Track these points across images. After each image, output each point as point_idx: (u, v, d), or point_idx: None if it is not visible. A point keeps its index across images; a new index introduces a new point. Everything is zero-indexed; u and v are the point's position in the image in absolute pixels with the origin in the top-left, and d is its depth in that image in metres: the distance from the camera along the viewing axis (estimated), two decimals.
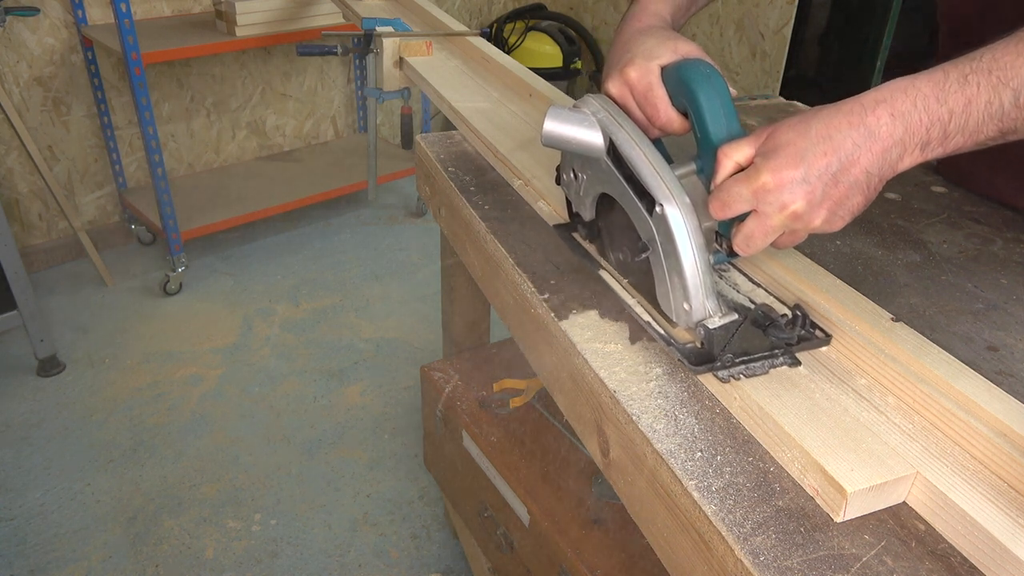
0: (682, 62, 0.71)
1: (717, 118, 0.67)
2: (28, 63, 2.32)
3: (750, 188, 0.62)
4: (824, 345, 0.69)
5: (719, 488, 0.56)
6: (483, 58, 1.41)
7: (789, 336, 0.67)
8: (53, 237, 2.58)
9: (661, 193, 0.66)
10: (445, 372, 1.38)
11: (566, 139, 0.74)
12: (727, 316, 0.67)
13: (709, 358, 0.66)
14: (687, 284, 0.66)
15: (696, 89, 0.68)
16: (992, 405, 0.59)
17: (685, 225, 0.66)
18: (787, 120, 0.63)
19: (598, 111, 0.74)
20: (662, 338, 0.71)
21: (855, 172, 0.60)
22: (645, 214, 0.68)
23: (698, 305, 0.67)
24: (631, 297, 0.77)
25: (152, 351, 2.19)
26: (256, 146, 2.96)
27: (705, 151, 0.68)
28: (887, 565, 0.51)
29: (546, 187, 0.96)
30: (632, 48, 0.75)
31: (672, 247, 0.66)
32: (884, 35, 2.87)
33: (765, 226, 0.63)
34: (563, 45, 3.16)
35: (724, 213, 0.64)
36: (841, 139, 0.59)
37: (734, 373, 0.65)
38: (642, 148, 0.70)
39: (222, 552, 1.60)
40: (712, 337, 0.66)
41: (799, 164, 0.60)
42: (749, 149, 0.64)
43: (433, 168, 1.11)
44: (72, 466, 1.80)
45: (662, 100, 0.72)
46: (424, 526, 1.68)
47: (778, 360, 0.66)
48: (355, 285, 2.55)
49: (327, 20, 2.52)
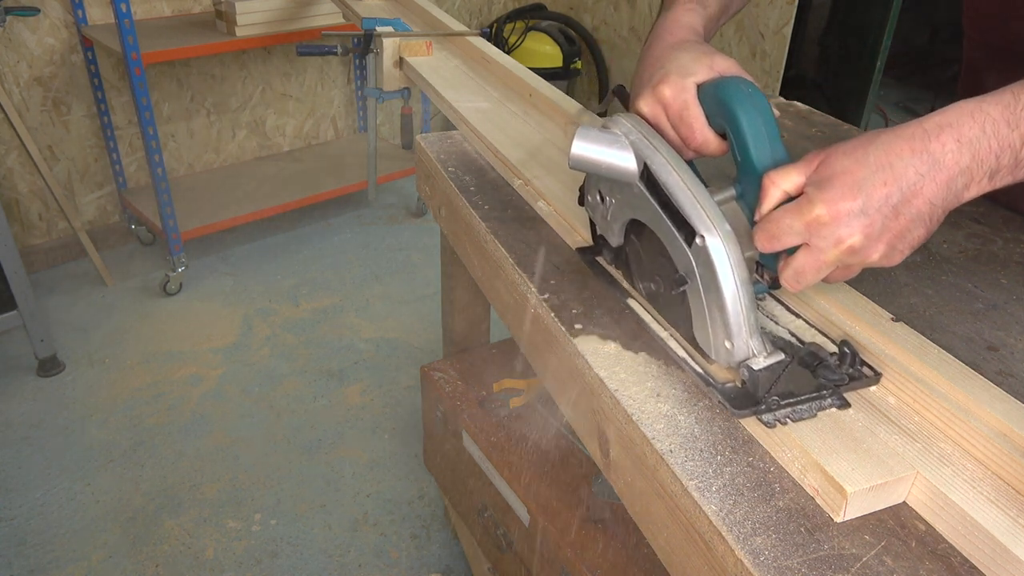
0: (720, 80, 0.67)
1: (760, 141, 0.63)
2: (28, 63, 2.32)
3: (802, 220, 0.57)
4: (873, 384, 0.65)
5: (719, 488, 0.56)
6: (483, 58, 1.41)
7: (839, 378, 0.62)
8: (53, 237, 2.58)
9: (702, 223, 0.61)
10: (445, 372, 1.38)
11: (596, 163, 0.68)
12: (773, 355, 0.62)
13: (752, 401, 0.62)
14: (729, 321, 0.62)
15: (737, 109, 0.63)
16: (992, 405, 0.59)
17: (728, 258, 0.61)
18: (841, 146, 0.58)
19: (630, 132, 0.69)
20: (699, 376, 0.66)
21: (918, 203, 0.55)
22: (683, 245, 0.63)
23: (741, 344, 0.62)
24: (663, 329, 0.73)
25: (152, 351, 2.19)
26: (256, 146, 2.96)
27: (746, 176, 0.64)
28: (887, 565, 0.51)
29: (546, 187, 0.96)
30: (665, 64, 0.70)
31: (713, 281, 0.61)
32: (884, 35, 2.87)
33: (818, 261, 0.58)
34: (563, 45, 3.16)
35: (771, 246, 0.60)
36: (903, 167, 0.55)
37: (780, 417, 0.60)
38: (680, 173, 0.65)
39: (222, 552, 1.60)
40: (757, 379, 0.61)
41: (856, 195, 0.55)
42: (799, 177, 0.59)
43: (433, 168, 1.11)
44: (72, 466, 1.80)
45: (698, 120, 0.68)
46: (424, 526, 1.68)
47: (826, 402, 0.62)
48: (355, 285, 2.55)
49: (327, 20, 2.52)
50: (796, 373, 0.63)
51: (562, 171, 1.00)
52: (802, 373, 0.63)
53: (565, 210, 0.91)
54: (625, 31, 3.16)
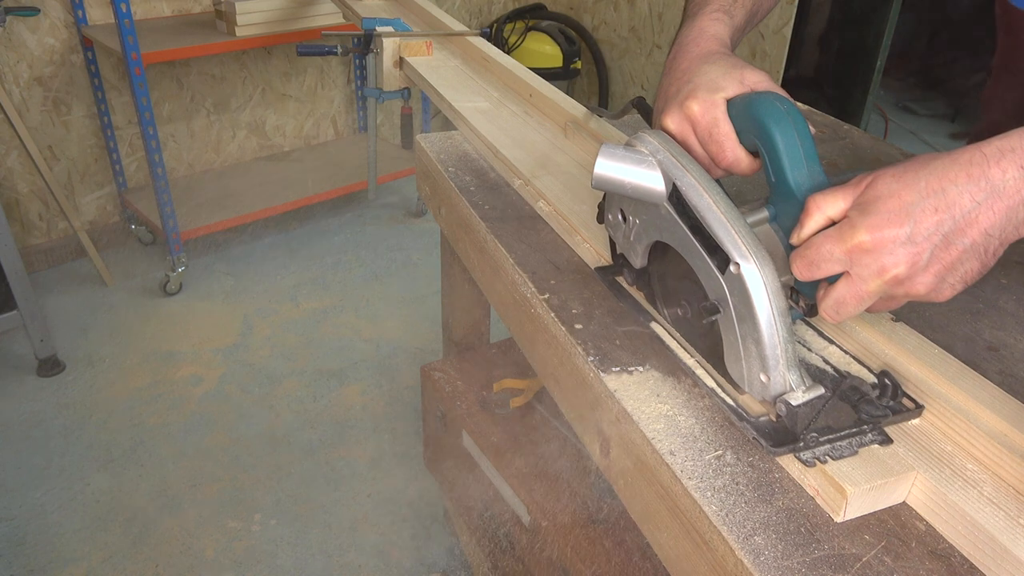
0: (753, 95, 0.63)
1: (797, 161, 0.60)
2: (28, 63, 2.31)
3: (844, 247, 0.54)
4: (915, 417, 0.62)
5: (719, 488, 0.56)
6: (483, 58, 1.41)
7: (882, 413, 0.59)
8: (53, 237, 2.58)
9: (736, 249, 0.58)
10: (445, 372, 1.38)
11: (621, 183, 0.65)
12: (812, 390, 0.58)
13: (791, 438, 0.58)
14: (766, 354, 0.58)
15: (772, 127, 0.60)
16: (992, 405, 0.59)
17: (765, 287, 0.57)
18: (890, 168, 0.55)
19: (657, 150, 0.65)
20: (732, 411, 0.63)
21: (972, 233, 0.51)
22: (716, 271, 0.60)
23: (778, 377, 0.58)
24: (690, 357, 0.69)
25: (152, 351, 2.19)
26: (256, 146, 2.96)
27: (781, 197, 0.61)
28: (887, 565, 0.51)
29: (546, 187, 0.95)
30: (693, 78, 0.67)
31: (749, 311, 0.58)
32: (884, 35, 2.87)
33: (859, 292, 0.55)
34: (563, 45, 3.16)
35: (810, 274, 0.56)
36: (957, 194, 0.51)
37: (819, 455, 0.57)
38: (711, 195, 0.61)
39: (222, 552, 1.60)
40: (795, 416, 0.58)
41: (904, 221, 0.52)
42: (844, 202, 0.56)
43: (433, 168, 1.11)
44: (72, 466, 1.80)
45: (729, 138, 0.64)
46: (424, 526, 1.68)
47: (866, 437, 0.59)
48: (355, 285, 2.55)
49: (327, 20, 2.52)
50: (836, 408, 0.60)
51: (562, 171, 1.00)
52: (842, 407, 0.60)
53: (566, 210, 0.91)
54: (625, 31, 3.16)
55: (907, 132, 3.93)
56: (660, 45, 3.01)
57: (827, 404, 0.58)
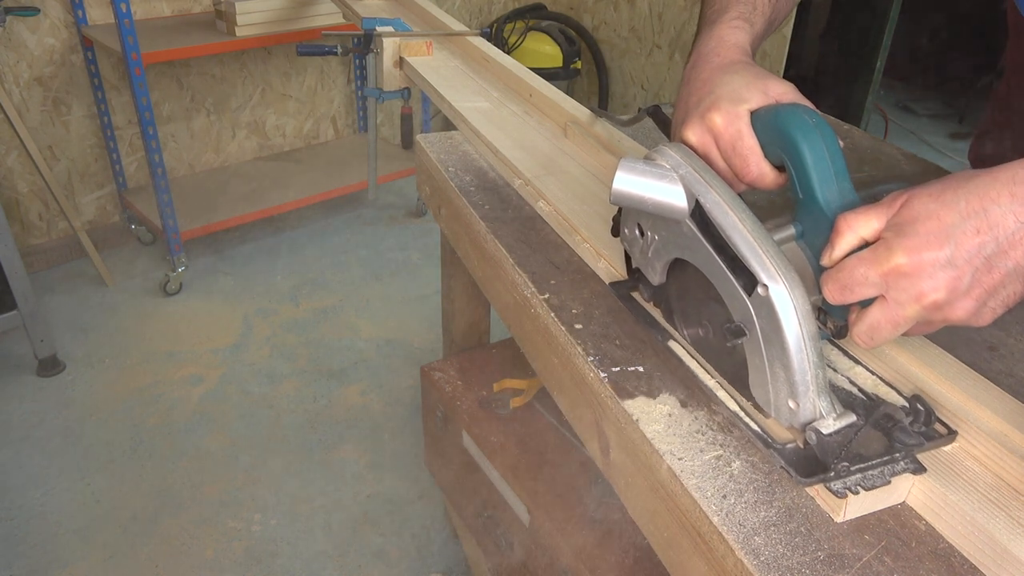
0: (779, 107, 0.61)
1: (826, 177, 0.57)
2: (28, 63, 2.31)
3: (879, 270, 0.51)
4: (948, 444, 0.59)
5: (719, 488, 0.56)
6: (483, 58, 1.41)
7: (917, 442, 0.57)
8: (53, 237, 2.58)
9: (764, 271, 0.55)
10: (445, 372, 1.38)
11: (641, 198, 0.62)
12: (843, 417, 0.56)
13: (821, 468, 0.56)
14: (795, 380, 0.55)
15: (800, 141, 0.58)
16: (992, 405, 0.59)
17: (795, 310, 0.54)
18: (927, 187, 0.52)
19: (679, 165, 0.62)
20: (758, 437, 0.60)
21: (1016, 255, 0.49)
22: (741, 293, 0.57)
23: (808, 405, 0.56)
24: (710, 378, 0.66)
25: (152, 351, 2.19)
26: (256, 146, 2.96)
27: (808, 214, 0.59)
28: (887, 565, 0.51)
29: (546, 187, 0.95)
30: (715, 89, 0.65)
31: (777, 335, 0.55)
32: (884, 35, 2.87)
33: (896, 317, 0.52)
34: (563, 45, 3.16)
35: (842, 297, 0.54)
36: (1000, 215, 0.49)
37: (850, 485, 0.55)
38: (737, 213, 0.58)
39: (222, 552, 1.60)
40: (826, 445, 0.55)
41: (943, 243, 0.49)
42: (878, 222, 0.53)
43: (433, 168, 1.11)
44: (72, 466, 1.80)
45: (754, 151, 0.62)
46: (424, 526, 1.68)
47: (899, 466, 0.56)
48: (355, 285, 2.55)
49: (327, 20, 2.52)
50: (868, 436, 0.57)
51: (563, 171, 1.00)
52: (874, 435, 0.57)
53: (566, 210, 0.91)
54: (625, 31, 3.16)
55: (907, 132, 3.93)
56: (660, 45, 3.01)
57: (859, 432, 0.55)
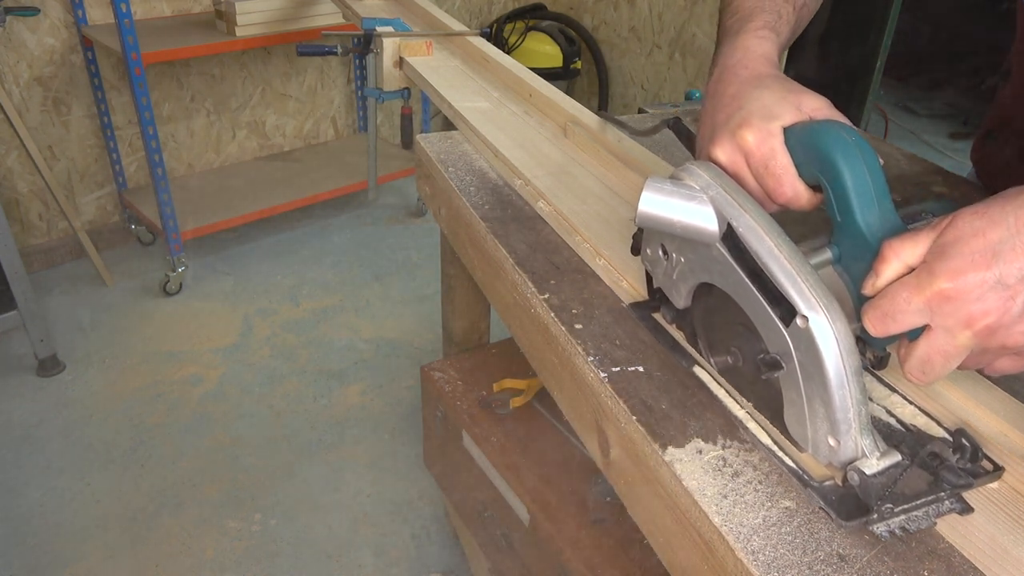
0: (815, 125, 0.58)
1: (867, 200, 0.54)
2: (28, 63, 2.31)
3: (922, 296, 0.48)
4: (994, 481, 0.56)
5: (719, 488, 0.56)
6: (483, 58, 1.41)
7: (965, 482, 0.54)
8: (53, 237, 2.58)
9: (804, 300, 0.51)
10: (445, 372, 1.38)
11: (669, 221, 0.59)
12: (887, 456, 0.53)
13: (863, 509, 0.53)
14: (836, 417, 0.52)
15: (839, 161, 0.54)
16: (992, 405, 0.59)
17: (837, 344, 0.51)
18: (971, 206, 0.49)
19: (709, 185, 0.58)
20: (795, 475, 0.56)
21: None
22: (778, 323, 0.54)
23: (849, 443, 0.52)
24: (740, 408, 0.63)
25: (152, 351, 2.19)
26: (256, 146, 2.96)
27: (847, 238, 0.55)
28: (887, 565, 0.51)
29: (546, 187, 0.96)
30: (745, 104, 0.61)
31: (818, 369, 0.51)
32: (884, 35, 2.87)
33: (946, 348, 0.48)
34: (563, 45, 3.16)
35: (885, 328, 0.50)
36: None
37: (893, 528, 0.52)
38: (773, 238, 0.54)
39: (222, 552, 1.60)
40: (869, 487, 0.52)
41: (991, 263, 0.46)
42: (922, 247, 0.49)
43: (433, 168, 1.11)
44: (72, 466, 1.80)
45: (788, 171, 0.58)
46: (424, 526, 1.68)
47: (944, 505, 0.54)
48: (355, 285, 2.55)
49: (327, 20, 2.52)
50: (913, 474, 0.54)
51: (562, 172, 1.00)
52: (919, 474, 0.54)
53: (566, 210, 0.91)
54: (625, 31, 3.16)
55: (907, 132, 3.93)
56: (660, 45, 3.01)
57: (904, 473, 0.52)
